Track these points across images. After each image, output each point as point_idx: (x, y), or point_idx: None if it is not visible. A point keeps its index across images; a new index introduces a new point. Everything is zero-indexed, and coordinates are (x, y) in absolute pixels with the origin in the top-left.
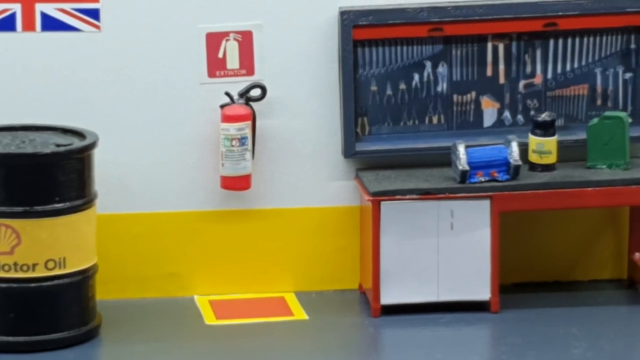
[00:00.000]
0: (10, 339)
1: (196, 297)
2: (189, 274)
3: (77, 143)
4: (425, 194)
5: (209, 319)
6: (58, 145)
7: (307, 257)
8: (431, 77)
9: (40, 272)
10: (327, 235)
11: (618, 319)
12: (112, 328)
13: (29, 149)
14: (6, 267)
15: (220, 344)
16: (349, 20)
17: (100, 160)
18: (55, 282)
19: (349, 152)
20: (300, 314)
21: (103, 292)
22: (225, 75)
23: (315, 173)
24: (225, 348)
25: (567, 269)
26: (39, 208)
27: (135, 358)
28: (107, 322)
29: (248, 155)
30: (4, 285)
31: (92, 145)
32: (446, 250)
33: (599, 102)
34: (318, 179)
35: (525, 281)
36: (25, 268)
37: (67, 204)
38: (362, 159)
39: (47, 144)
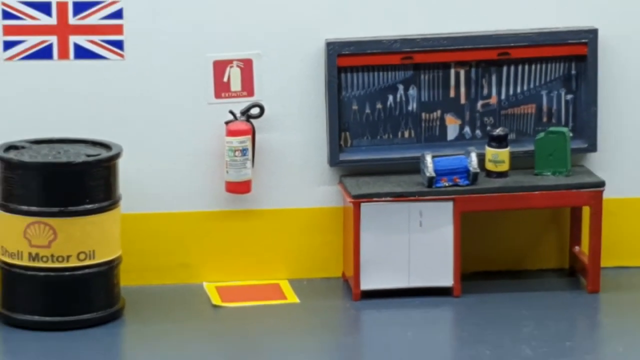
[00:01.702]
0: (48, 319)
1: (205, 284)
2: (199, 264)
3: (104, 154)
4: (398, 196)
5: (216, 302)
6: (88, 156)
7: (298, 250)
8: (403, 98)
9: (73, 263)
10: (315, 231)
11: (561, 302)
12: (133, 310)
13: (64, 159)
14: (44, 259)
15: (225, 323)
16: (334, 50)
17: (123, 168)
18: (86, 271)
19: (333, 161)
20: (292, 298)
21: (126, 280)
22: (229, 97)
23: (305, 179)
24: (229, 327)
25: (517, 260)
26: (72, 208)
27: (153, 335)
28: (130, 304)
29: (248, 164)
30: (42, 273)
31: (116, 156)
32: (416, 244)
33: (544, 119)
34: (307, 184)
35: (483, 270)
36: (60, 259)
37: (96, 205)
38: (344, 167)
39: (79, 155)
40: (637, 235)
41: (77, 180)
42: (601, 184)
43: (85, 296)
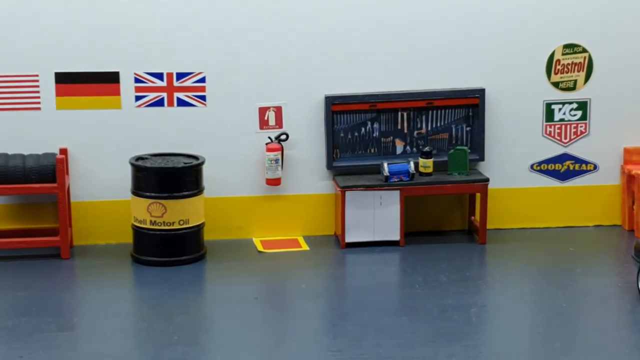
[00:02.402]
0: (161, 259)
1: (253, 239)
2: (250, 227)
3: (194, 162)
4: (368, 187)
5: (260, 249)
6: (185, 164)
7: (309, 218)
8: (370, 130)
9: (176, 226)
10: (318, 207)
11: (464, 250)
12: (212, 254)
13: (170, 165)
14: (159, 223)
15: (266, 261)
16: (330, 101)
17: (206, 170)
18: (184, 231)
19: (329, 166)
20: (305, 247)
21: (207, 236)
22: (268, 128)
23: (313, 176)
24: (269, 263)
25: (437, 224)
26: (176, 194)
27: (223, 269)
28: (210, 251)
29: (279, 168)
30: (157, 232)
31: (201, 164)
32: (378, 215)
33: (454, 142)
34: (314, 179)
35: (417, 231)
36: (168, 224)
37: (190, 192)
38: (336, 170)
39: (179, 162)
40: (506, 210)
41: (178, 178)
42: (486, 180)
43: (183, 245)
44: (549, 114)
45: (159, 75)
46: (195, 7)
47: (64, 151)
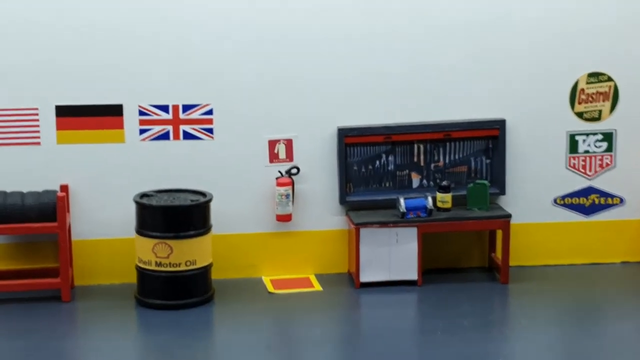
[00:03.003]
0: (167, 302)
1: (263, 278)
2: (259, 264)
3: (201, 199)
4: (383, 224)
5: (270, 289)
6: (192, 201)
7: (321, 256)
8: (385, 162)
9: (182, 268)
10: (330, 244)
11: (483, 290)
12: (220, 294)
13: (177, 203)
14: (165, 264)
15: (277, 303)
16: (343, 133)
17: (213, 205)
18: (190, 272)
19: (342, 201)
20: (317, 286)
21: (215, 275)
22: (278, 162)
23: (325, 212)
24: (280, 305)
25: (456, 261)
26: (182, 233)
27: (232, 311)
28: (217, 291)
29: (290, 204)
30: (163, 274)
31: (209, 201)
32: (394, 253)
33: (472, 175)
34: (326, 215)
35: (433, 267)
36: (174, 265)
37: (197, 231)
38: (349, 205)
39: (186, 200)
40: (527, 246)
41: (185, 216)
42: (508, 216)
43: (190, 288)
44: (573, 146)
45: (164, 108)
46: (202, 37)
47: (64, 188)
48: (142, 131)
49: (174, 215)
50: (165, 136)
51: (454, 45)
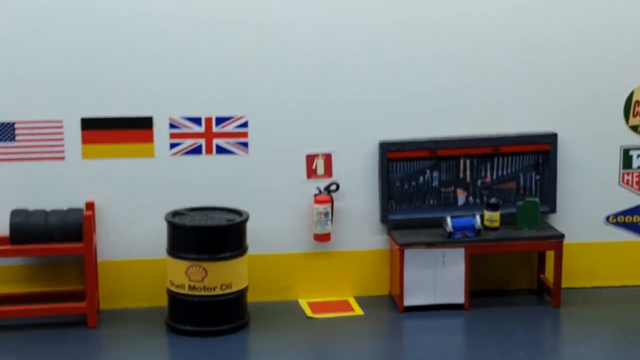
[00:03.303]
0: (200, 328)
1: (300, 300)
2: (297, 287)
3: (237, 218)
4: (429, 245)
5: (309, 314)
6: (228, 220)
7: (361, 277)
8: (429, 178)
9: (217, 292)
10: (371, 265)
11: (534, 314)
12: (256, 319)
13: (211, 222)
14: (199, 288)
15: (316, 329)
16: (385, 147)
17: (250, 227)
18: (226, 297)
19: (384, 219)
20: (358, 310)
21: (251, 298)
22: (316, 178)
23: (366, 231)
24: (320, 332)
25: (504, 283)
26: (217, 255)
27: (268, 338)
28: (253, 316)
29: (329, 222)
30: (197, 299)
31: (245, 220)
32: (440, 275)
33: (521, 192)
34: (367, 234)
35: (479, 289)
36: (209, 289)
37: (233, 253)
38: (391, 223)
39: (221, 219)
40: (578, 267)
41: (220, 237)
42: (562, 236)
43: (225, 313)
44: (627, 161)
45: (197, 120)
46: (236, 45)
47: (90, 205)
48: (172, 145)
49: (209, 235)
50: (197, 150)
51: (502, 57)
